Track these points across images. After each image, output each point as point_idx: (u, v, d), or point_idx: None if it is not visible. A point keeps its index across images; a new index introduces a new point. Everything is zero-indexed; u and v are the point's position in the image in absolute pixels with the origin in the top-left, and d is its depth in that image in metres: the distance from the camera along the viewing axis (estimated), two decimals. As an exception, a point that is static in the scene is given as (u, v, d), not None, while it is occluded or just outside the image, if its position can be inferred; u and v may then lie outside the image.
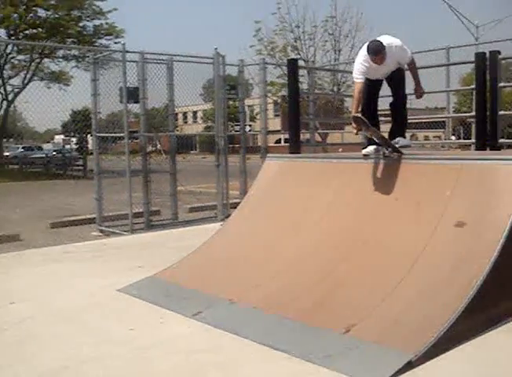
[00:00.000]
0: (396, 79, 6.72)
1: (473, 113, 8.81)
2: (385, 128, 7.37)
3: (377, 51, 6.32)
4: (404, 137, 6.54)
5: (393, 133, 6.72)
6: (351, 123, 6.23)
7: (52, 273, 6.95)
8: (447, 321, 4.16)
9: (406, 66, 6.76)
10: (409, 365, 3.85)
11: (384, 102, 7.68)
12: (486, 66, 8.30)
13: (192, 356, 4.27)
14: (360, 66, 6.51)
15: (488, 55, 8.41)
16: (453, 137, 39.26)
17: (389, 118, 7.18)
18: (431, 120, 16.69)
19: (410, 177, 5.89)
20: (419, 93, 6.92)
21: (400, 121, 6.90)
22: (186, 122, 59.95)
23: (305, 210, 6.41)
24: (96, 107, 11.82)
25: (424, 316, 4.39)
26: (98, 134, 11.99)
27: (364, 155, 6.54)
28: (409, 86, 7.02)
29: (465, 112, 21.02)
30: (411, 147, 6.37)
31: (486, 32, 29.44)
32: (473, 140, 8.82)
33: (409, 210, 5.58)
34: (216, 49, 11.82)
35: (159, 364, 4.15)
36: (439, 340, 4.03)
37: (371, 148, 6.53)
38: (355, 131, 6.27)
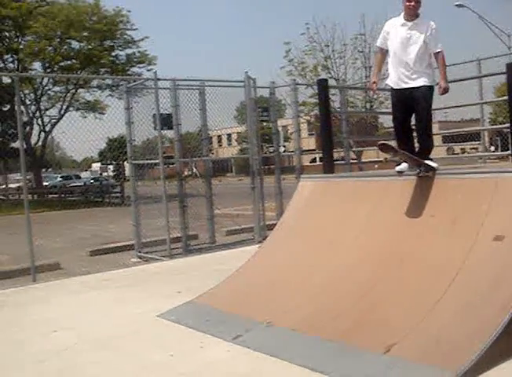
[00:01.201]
0: (420, 100, 6.57)
1: (508, 124, 8.69)
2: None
3: None
4: (431, 160, 6.45)
5: (419, 156, 6.56)
6: (382, 145, 6.18)
7: (92, 301, 7.03)
8: (488, 339, 4.09)
9: (433, 55, 6.64)
10: (452, 384, 3.80)
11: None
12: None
13: (232, 380, 4.27)
14: (381, 33, 6.75)
15: (519, 65, 8.33)
16: (492, 148, 38.82)
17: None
18: (465, 133, 16.54)
19: (445, 193, 5.84)
20: (443, 88, 6.60)
21: (426, 145, 6.77)
22: (221, 145, 60.29)
23: (340, 229, 6.39)
24: (131, 135, 11.97)
25: (464, 333, 4.33)
26: (134, 162, 12.14)
27: (398, 172, 6.49)
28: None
29: (501, 123, 20.75)
30: (438, 170, 6.26)
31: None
32: (509, 152, 8.69)
33: (445, 226, 5.52)
34: (246, 72, 11.92)
35: (200, 390, 4.16)
36: (480, 358, 3.97)
37: (404, 165, 6.48)
38: (384, 160, 6.24)
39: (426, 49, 6.55)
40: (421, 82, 6.52)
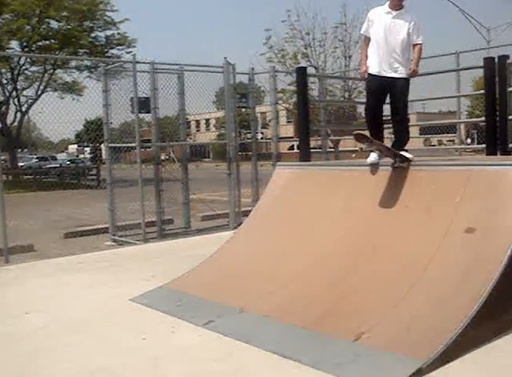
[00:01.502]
0: (398, 92, 6.64)
1: (484, 118, 8.78)
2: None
3: None
4: (406, 151, 6.50)
5: (395, 147, 6.59)
6: (357, 135, 6.22)
7: (65, 284, 7.00)
8: (457, 328, 4.16)
9: (412, 46, 6.70)
10: (419, 372, 3.85)
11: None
12: (495, 71, 8.29)
13: (203, 364, 4.30)
14: (365, 21, 6.82)
15: (496, 60, 8.39)
16: (469, 141, 39.13)
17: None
18: (442, 124, 16.65)
19: (419, 184, 5.90)
20: (412, 70, 6.63)
21: (402, 136, 6.84)
22: (199, 130, 60.09)
23: (315, 217, 6.43)
24: (108, 118, 11.92)
25: (434, 323, 4.39)
26: (110, 144, 12.08)
27: (370, 164, 6.54)
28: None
29: (478, 116, 20.91)
30: (413, 161, 6.32)
31: (498, 35, 29.43)
32: (484, 145, 8.79)
33: (419, 216, 5.59)
34: (225, 58, 11.89)
35: (170, 373, 4.18)
36: (449, 347, 4.03)
37: (374, 156, 6.53)
38: (359, 149, 6.29)
39: (408, 39, 6.61)
40: (401, 73, 6.57)
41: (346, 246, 5.81)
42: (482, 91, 8.84)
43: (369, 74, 6.76)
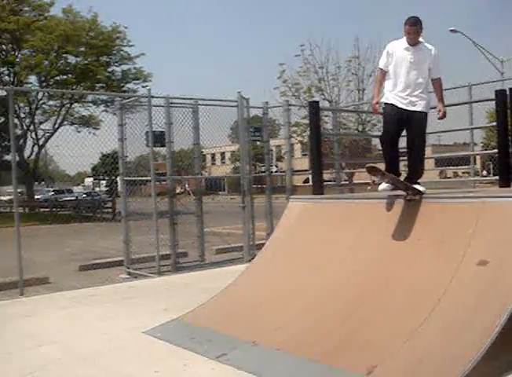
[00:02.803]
0: (416, 125, 6.69)
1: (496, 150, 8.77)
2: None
3: (414, 22, 6.54)
4: (419, 184, 6.53)
5: (408, 180, 6.64)
6: (370, 168, 6.26)
7: (79, 316, 7.04)
8: (470, 362, 4.13)
9: (432, 80, 6.80)
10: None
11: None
12: (506, 103, 8.31)
13: (215, 398, 4.29)
14: (383, 55, 6.85)
15: (508, 92, 8.42)
16: (484, 172, 39.01)
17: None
18: (456, 156, 16.64)
19: (432, 217, 5.90)
20: (442, 112, 6.83)
21: (417, 169, 6.87)
22: (214, 164, 60.40)
23: (328, 250, 6.43)
24: (124, 152, 12.03)
25: (447, 356, 4.36)
26: (125, 178, 12.18)
27: (381, 190, 6.55)
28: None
29: (493, 148, 20.91)
30: (425, 193, 6.35)
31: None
32: (497, 177, 8.77)
33: (431, 249, 5.58)
34: (239, 92, 12.01)
35: (182, 407, 4.18)
36: (461, 381, 4.00)
37: (386, 184, 6.56)
38: (372, 182, 6.33)
39: (427, 75, 6.69)
40: (419, 107, 6.63)
41: (359, 278, 5.80)
42: (494, 123, 8.85)
43: (385, 103, 6.81)
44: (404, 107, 6.64)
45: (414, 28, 6.55)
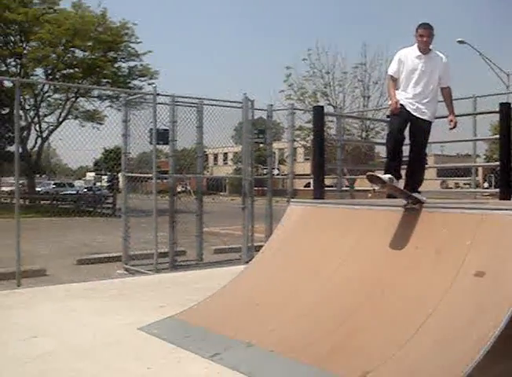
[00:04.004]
0: (420, 132, 6.71)
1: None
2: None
3: (428, 25, 6.60)
4: (419, 192, 6.54)
5: (408, 188, 6.62)
6: (370, 176, 6.25)
7: (74, 310, 7.05)
8: (463, 373, 4.14)
9: (441, 89, 6.83)
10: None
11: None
12: (510, 116, 8.35)
13: (207, 397, 4.31)
14: (393, 62, 6.90)
15: (512, 105, 8.48)
16: (486, 184, 39.04)
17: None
18: (457, 167, 16.67)
19: (430, 226, 5.91)
20: (454, 122, 6.88)
21: (417, 177, 6.88)
22: (216, 164, 60.41)
23: (326, 255, 6.45)
24: (127, 148, 12.07)
25: (440, 366, 4.38)
26: (127, 174, 12.21)
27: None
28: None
29: (496, 160, 20.94)
30: (425, 202, 6.35)
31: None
32: (498, 190, 8.81)
33: (429, 258, 5.59)
34: (245, 94, 12.05)
35: (174, 404, 4.19)
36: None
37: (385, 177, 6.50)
38: (372, 190, 6.33)
39: (437, 84, 6.73)
40: (426, 116, 6.66)
41: (355, 284, 5.82)
42: (497, 136, 8.89)
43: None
44: (412, 112, 6.66)
45: (428, 31, 6.59)
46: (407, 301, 5.26)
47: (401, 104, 6.70)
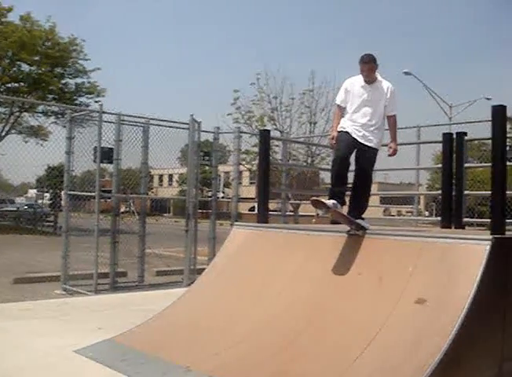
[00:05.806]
0: (365, 159, 6.74)
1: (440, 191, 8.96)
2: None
3: (368, 59, 6.58)
4: (363, 219, 6.57)
5: (351, 214, 6.57)
6: (314, 201, 6.26)
7: (8, 330, 6.81)
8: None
9: (387, 117, 6.87)
10: None
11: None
12: (452, 146, 8.52)
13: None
14: (340, 91, 6.85)
15: (454, 136, 8.65)
16: (426, 213, 39.73)
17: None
18: (400, 195, 16.95)
19: (373, 253, 5.95)
20: (393, 149, 6.91)
21: (361, 203, 6.90)
22: (161, 185, 59.98)
23: (268, 279, 6.42)
24: (70, 165, 11.86)
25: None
26: (70, 192, 11.98)
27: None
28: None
29: (437, 189, 21.35)
30: (369, 229, 6.38)
31: (459, 112, 30.32)
32: (439, 218, 8.96)
33: (371, 284, 5.61)
34: (192, 115, 12.00)
35: None
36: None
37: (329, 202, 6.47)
38: (316, 216, 6.31)
39: (383, 113, 6.77)
40: (371, 143, 6.69)
41: (298, 309, 5.80)
42: (440, 165, 9.05)
43: (340, 131, 6.79)
44: (358, 139, 6.68)
45: (367, 66, 6.64)
46: (349, 327, 5.27)
47: (347, 131, 6.74)
